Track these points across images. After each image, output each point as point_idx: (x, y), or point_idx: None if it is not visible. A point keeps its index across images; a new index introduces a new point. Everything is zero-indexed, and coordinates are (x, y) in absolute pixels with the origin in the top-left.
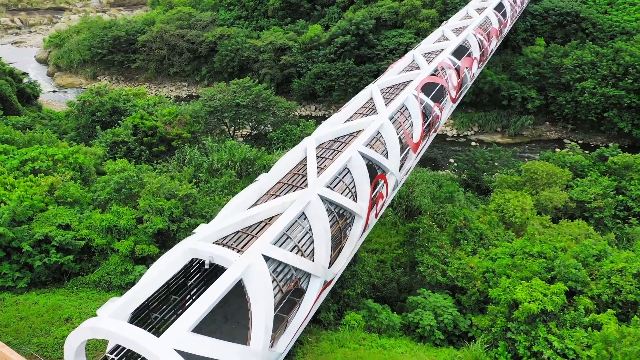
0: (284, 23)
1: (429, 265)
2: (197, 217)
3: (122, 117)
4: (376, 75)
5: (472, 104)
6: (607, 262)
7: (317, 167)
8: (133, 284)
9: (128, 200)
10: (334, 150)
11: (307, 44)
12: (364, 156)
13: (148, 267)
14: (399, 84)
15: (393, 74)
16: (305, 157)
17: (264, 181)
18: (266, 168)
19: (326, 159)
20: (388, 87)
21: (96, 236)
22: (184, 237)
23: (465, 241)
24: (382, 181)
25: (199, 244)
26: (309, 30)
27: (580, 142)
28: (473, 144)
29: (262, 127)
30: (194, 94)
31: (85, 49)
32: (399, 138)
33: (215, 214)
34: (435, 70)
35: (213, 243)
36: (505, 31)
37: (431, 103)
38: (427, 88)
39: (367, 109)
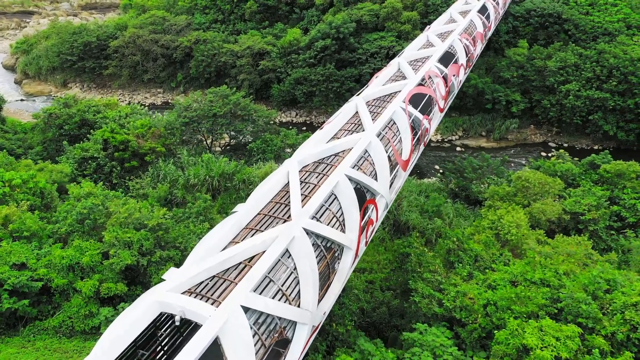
0: (261, 27)
1: (424, 295)
2: (170, 249)
3: (92, 130)
4: (358, 80)
5: (456, 108)
6: (619, 294)
7: (301, 195)
8: (98, 328)
9: (93, 232)
10: (319, 174)
11: (286, 49)
12: (351, 179)
13: (115, 309)
14: (386, 95)
15: (378, 84)
16: (288, 183)
17: (242, 213)
18: (246, 183)
19: (310, 184)
20: (374, 100)
21: (56, 275)
22: (155, 271)
23: (460, 264)
24: (372, 206)
25: (168, 295)
26: (287, 34)
27: (566, 145)
28: (458, 149)
29: (241, 137)
30: (170, 100)
31: (54, 56)
32: (388, 156)
33: (190, 245)
34: (423, 80)
35: (185, 292)
36: (489, 34)
37: (420, 116)
38: (414, 99)
39: (353, 125)
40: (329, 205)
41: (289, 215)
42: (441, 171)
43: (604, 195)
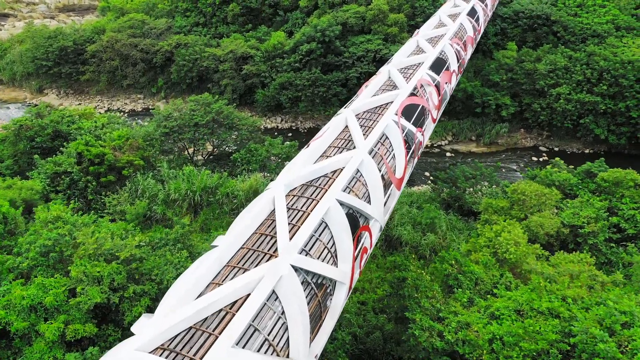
0: (244, 30)
1: (423, 328)
2: (145, 282)
3: (66, 142)
4: (344, 84)
5: (445, 112)
6: (639, 330)
7: (289, 224)
8: None
9: (59, 265)
10: (308, 198)
11: (270, 52)
12: (343, 204)
13: (82, 354)
14: (377, 107)
15: (368, 95)
16: (274, 210)
17: (224, 248)
18: (229, 197)
19: (299, 211)
20: (364, 112)
21: (16, 318)
22: (129, 308)
23: (460, 289)
24: (366, 233)
25: (136, 356)
26: (271, 38)
27: (556, 149)
28: (448, 154)
29: (225, 146)
30: (150, 107)
31: (29, 61)
32: (382, 175)
33: (167, 277)
34: (415, 89)
35: (157, 349)
36: (479, 37)
37: (413, 129)
38: (407, 111)
39: (343, 141)
40: (319, 235)
41: (276, 249)
42: (432, 179)
43: (602, 206)
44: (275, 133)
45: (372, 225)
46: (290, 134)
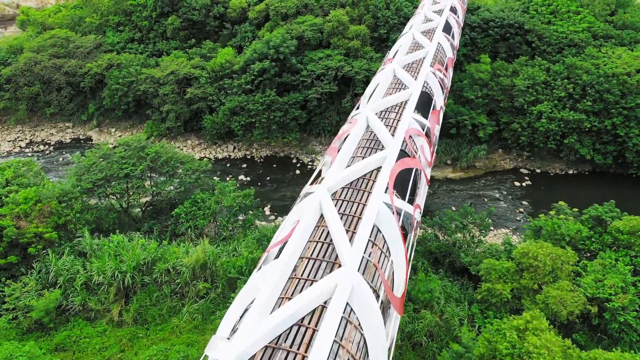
0: (187, 45)
1: None
2: None
3: None
4: (303, 106)
5: None
6: None
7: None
8: None
9: None
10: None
11: (218, 72)
12: None
13: None
14: (360, 179)
15: (345, 157)
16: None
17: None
18: (171, 274)
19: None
20: (344, 188)
21: None
22: None
23: None
24: None
25: None
26: (218, 55)
27: (538, 170)
28: None
29: (167, 194)
30: (81, 136)
31: None
32: (376, 295)
33: None
34: (404, 145)
35: None
36: (456, 56)
37: (409, 208)
38: (399, 181)
39: (320, 245)
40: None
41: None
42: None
43: (628, 270)
44: (228, 165)
45: None
46: (244, 165)
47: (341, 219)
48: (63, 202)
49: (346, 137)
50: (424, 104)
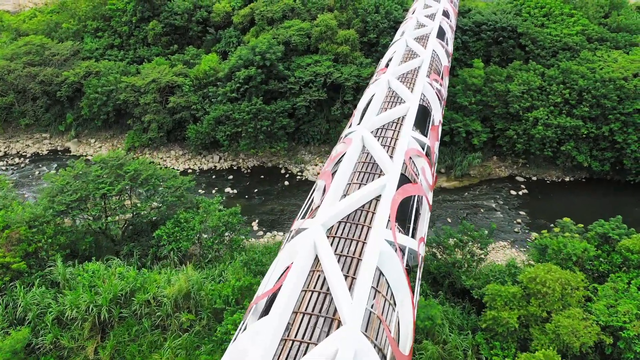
0: (169, 52)
1: None
2: None
3: None
4: (291, 114)
5: None
6: None
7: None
8: None
9: None
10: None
11: (202, 80)
12: None
13: None
14: (357, 211)
15: (339, 186)
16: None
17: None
18: (151, 305)
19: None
20: (340, 222)
21: None
22: None
23: None
24: None
25: None
26: (202, 62)
27: (534, 178)
28: None
29: (147, 214)
30: (59, 148)
31: None
32: (379, 350)
33: None
34: (404, 168)
35: None
36: (450, 63)
37: (414, 244)
38: (399, 208)
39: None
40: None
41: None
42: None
43: None
44: (213, 176)
45: None
46: (231, 176)
47: (339, 260)
48: (34, 227)
49: (340, 158)
50: (421, 117)
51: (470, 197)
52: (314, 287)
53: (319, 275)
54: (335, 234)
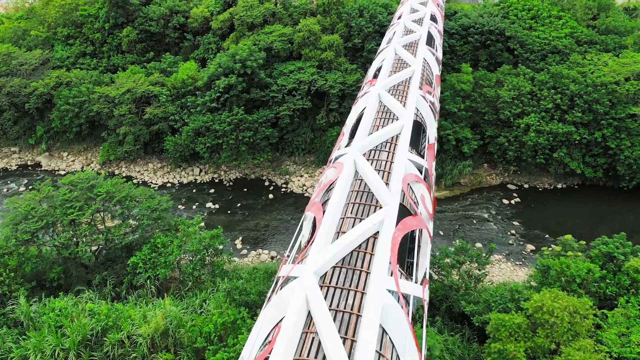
0: (145, 59)
1: None
2: None
3: None
4: (275, 123)
5: None
6: None
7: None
8: None
9: None
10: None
11: (179, 89)
12: None
13: None
14: (354, 252)
15: (330, 224)
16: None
17: None
18: (125, 346)
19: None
20: (334, 268)
21: None
22: None
23: None
24: None
25: None
26: (179, 70)
27: (526, 185)
28: None
29: (121, 240)
30: (29, 162)
31: None
32: None
33: None
34: (402, 196)
35: None
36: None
37: (418, 290)
38: (401, 251)
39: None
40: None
41: None
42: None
43: None
44: (194, 190)
45: None
46: (212, 190)
47: (335, 317)
48: None
49: (330, 186)
50: (415, 134)
51: (461, 207)
52: (307, 356)
53: (313, 339)
54: (330, 282)
